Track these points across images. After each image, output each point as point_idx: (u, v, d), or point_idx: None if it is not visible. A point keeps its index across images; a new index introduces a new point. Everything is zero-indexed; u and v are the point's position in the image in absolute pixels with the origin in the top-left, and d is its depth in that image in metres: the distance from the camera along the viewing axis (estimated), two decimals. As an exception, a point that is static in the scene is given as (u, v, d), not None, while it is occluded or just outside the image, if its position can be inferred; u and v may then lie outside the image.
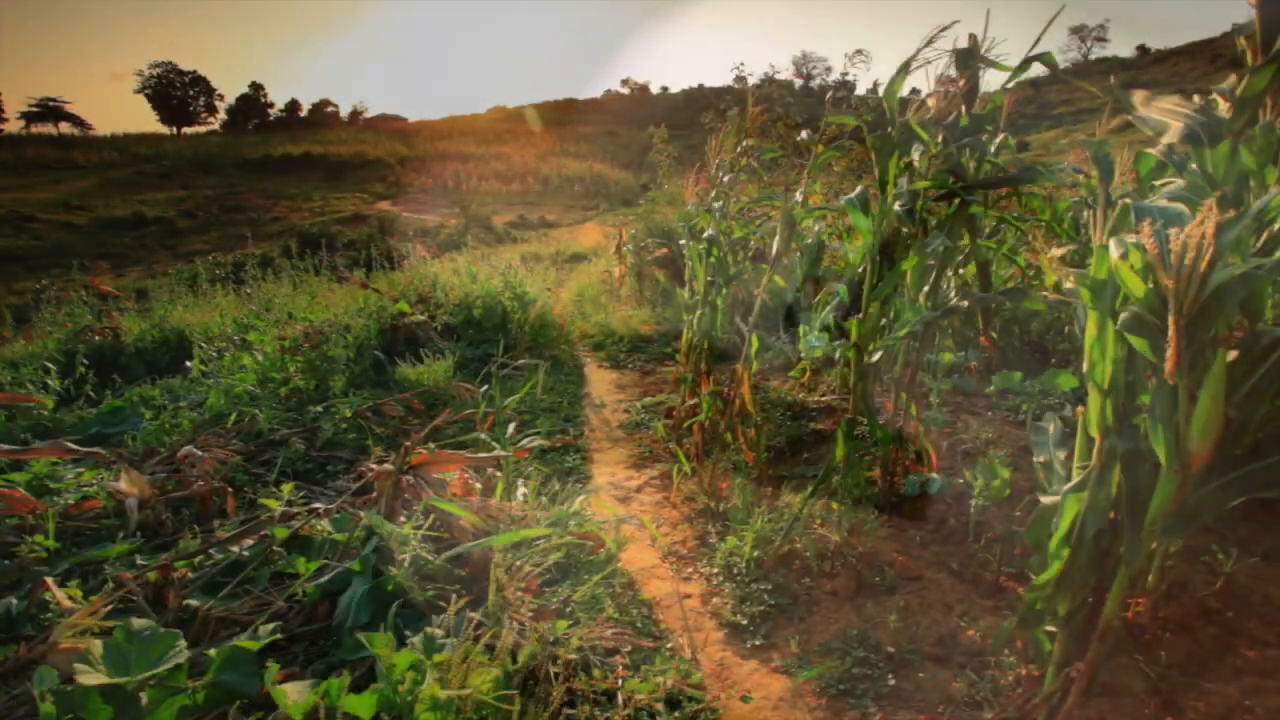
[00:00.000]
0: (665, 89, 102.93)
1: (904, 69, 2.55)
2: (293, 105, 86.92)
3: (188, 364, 5.69)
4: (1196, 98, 1.64)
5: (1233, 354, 1.29)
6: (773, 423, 4.05)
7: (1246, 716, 1.97)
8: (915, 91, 2.66)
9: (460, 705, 1.32)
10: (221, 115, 78.87)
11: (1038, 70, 2.44)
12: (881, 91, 2.66)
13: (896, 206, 2.53)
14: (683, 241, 4.00)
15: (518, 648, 1.58)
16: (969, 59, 2.45)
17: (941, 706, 2.06)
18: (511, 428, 3.22)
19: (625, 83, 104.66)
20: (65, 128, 66.19)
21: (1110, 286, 1.43)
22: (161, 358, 6.77)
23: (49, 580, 2.42)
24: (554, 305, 7.98)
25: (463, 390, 4.42)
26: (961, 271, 4.30)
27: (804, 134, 3.20)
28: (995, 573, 2.65)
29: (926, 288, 2.96)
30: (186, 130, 73.95)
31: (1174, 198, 1.53)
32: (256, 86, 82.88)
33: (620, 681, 1.73)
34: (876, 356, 2.71)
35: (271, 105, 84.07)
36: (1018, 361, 4.91)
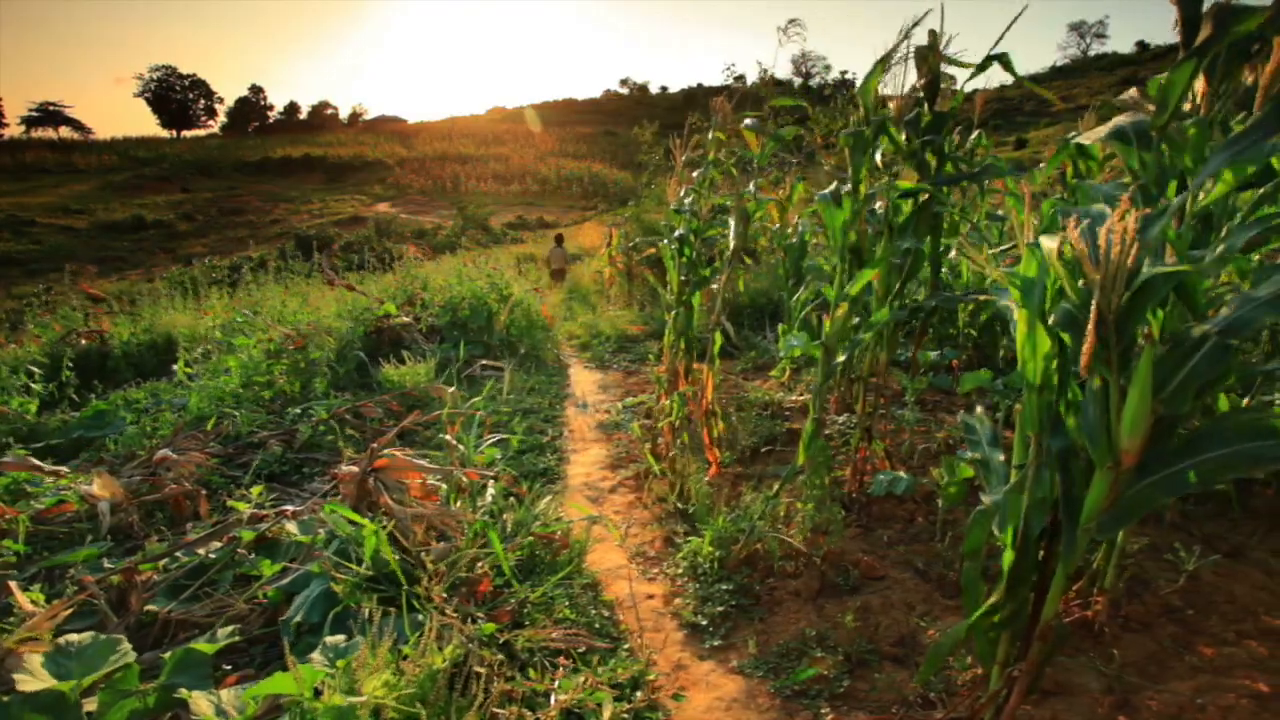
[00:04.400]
0: (664, 89, 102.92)
1: (882, 64, 2.54)
2: (292, 107, 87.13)
3: (174, 367, 5.70)
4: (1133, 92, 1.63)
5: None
6: (749, 422, 4.05)
7: (1199, 715, 1.96)
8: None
9: (356, 713, 1.32)
10: (221, 118, 79.06)
11: (1037, 68, 2.43)
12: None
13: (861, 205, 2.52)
14: (663, 240, 3.99)
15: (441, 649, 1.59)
16: (928, 56, 2.44)
17: (895, 707, 2.05)
18: (481, 430, 3.22)
19: (625, 83, 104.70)
20: (65, 132, 66.46)
21: (1039, 285, 1.43)
22: (149, 361, 6.80)
23: (12, 584, 2.43)
24: (541, 306, 7.98)
25: (441, 392, 4.42)
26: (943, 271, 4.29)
27: (748, 121, 3.17)
28: (959, 572, 2.65)
29: (896, 288, 2.96)
30: (186, 133, 74.13)
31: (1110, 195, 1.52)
32: (256, 89, 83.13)
33: (556, 682, 1.73)
34: (843, 357, 2.70)
35: (270, 108, 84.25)
36: (998, 360, 4.90)
